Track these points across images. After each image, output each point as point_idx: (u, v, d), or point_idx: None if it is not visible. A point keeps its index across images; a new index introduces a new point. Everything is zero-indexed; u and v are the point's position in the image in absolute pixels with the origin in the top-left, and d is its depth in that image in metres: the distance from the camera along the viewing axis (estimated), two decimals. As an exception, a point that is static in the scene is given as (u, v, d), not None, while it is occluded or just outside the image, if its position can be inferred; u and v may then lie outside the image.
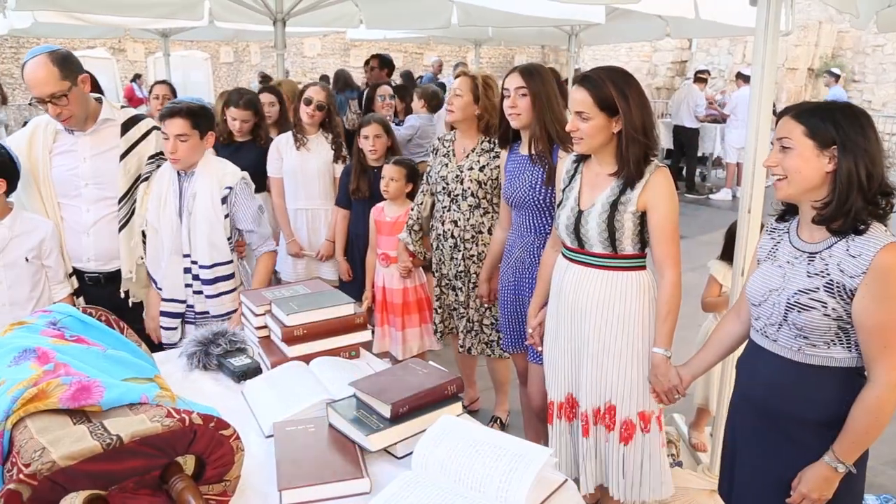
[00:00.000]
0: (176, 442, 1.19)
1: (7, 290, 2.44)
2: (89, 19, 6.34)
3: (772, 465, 1.78)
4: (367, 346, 2.05)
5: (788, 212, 1.82)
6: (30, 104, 10.34)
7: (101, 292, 2.66)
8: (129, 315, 2.63)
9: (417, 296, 3.48)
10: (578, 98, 2.09)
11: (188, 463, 1.24)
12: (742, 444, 1.88)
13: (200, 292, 2.62)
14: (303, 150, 3.77)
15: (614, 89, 2.05)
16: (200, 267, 2.56)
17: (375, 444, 1.42)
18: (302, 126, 3.80)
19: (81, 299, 2.66)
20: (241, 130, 3.81)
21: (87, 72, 2.53)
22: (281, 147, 3.81)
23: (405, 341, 3.46)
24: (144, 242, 2.68)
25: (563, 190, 2.29)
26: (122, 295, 2.73)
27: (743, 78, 9.49)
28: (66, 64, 2.39)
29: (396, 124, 5.17)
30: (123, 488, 1.16)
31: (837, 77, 11.08)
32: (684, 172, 10.11)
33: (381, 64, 6.64)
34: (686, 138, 9.97)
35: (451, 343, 3.46)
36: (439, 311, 3.32)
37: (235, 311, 2.55)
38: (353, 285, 3.71)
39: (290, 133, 3.83)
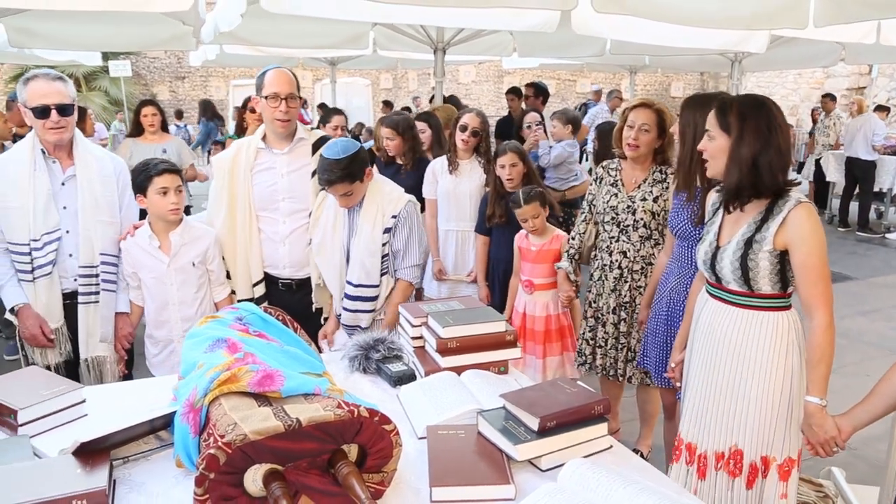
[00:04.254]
0: (345, 431, 1.31)
1: (176, 291, 2.74)
2: (268, 51, 7.01)
3: None
4: (515, 363, 2.11)
5: None
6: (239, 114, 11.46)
7: (291, 297, 2.90)
8: (313, 320, 2.87)
9: (560, 324, 3.46)
10: (707, 117, 2.10)
11: (352, 451, 1.36)
12: None
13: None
14: (455, 173, 3.95)
15: (736, 111, 2.02)
16: (347, 282, 2.77)
17: (522, 454, 1.47)
18: (456, 151, 3.97)
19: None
20: (391, 148, 4.12)
21: None
22: (436, 170, 4.04)
23: (545, 369, 3.43)
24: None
25: (707, 223, 2.24)
26: (313, 300, 2.96)
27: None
28: (297, 81, 2.81)
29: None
30: (297, 466, 1.30)
31: None
32: (857, 208, 9.34)
33: (537, 92, 6.75)
34: (861, 171, 9.21)
35: (605, 376, 3.37)
36: (590, 343, 3.27)
37: (367, 328, 2.73)
38: None
39: (445, 157, 4.03)
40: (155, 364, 2.85)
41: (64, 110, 2.57)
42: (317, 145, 2.87)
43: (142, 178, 2.67)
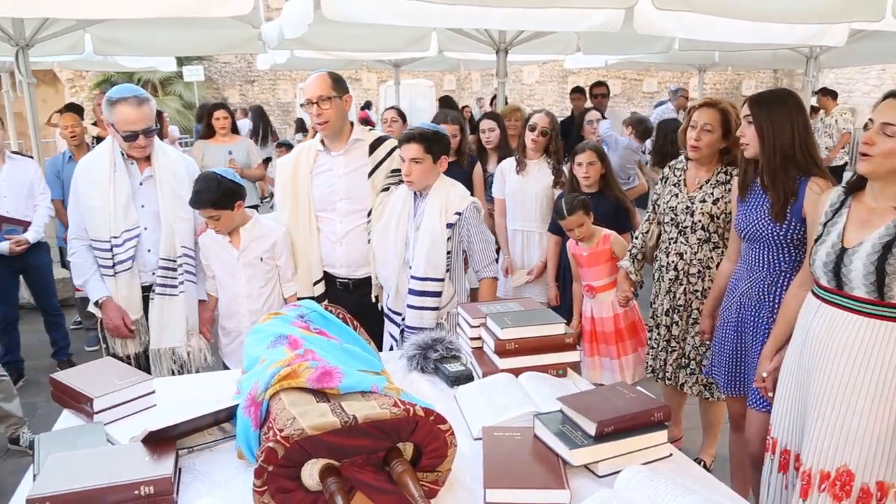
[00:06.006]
0: (400, 429, 1.33)
1: (244, 284, 2.85)
2: (335, 54, 7.15)
3: None
4: (574, 367, 2.08)
5: None
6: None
7: (349, 296, 2.95)
8: (372, 318, 2.89)
9: (629, 320, 3.42)
10: (886, 109, 1.91)
11: (407, 450, 1.37)
12: None
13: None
14: (523, 174, 3.95)
15: None
16: (413, 277, 2.76)
17: (578, 459, 1.45)
18: (525, 151, 3.98)
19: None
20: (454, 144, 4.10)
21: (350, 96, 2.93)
22: (505, 170, 4.07)
23: (622, 369, 3.38)
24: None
25: (825, 224, 2.10)
26: (373, 300, 3.01)
27: None
28: (338, 81, 2.85)
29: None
30: (353, 463, 1.32)
31: None
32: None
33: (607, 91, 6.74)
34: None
35: (653, 378, 3.32)
36: (648, 342, 3.24)
37: (432, 329, 2.67)
38: (560, 310, 3.75)
39: (514, 157, 4.06)
40: (227, 353, 2.97)
41: (149, 132, 2.74)
42: (374, 145, 2.92)
43: None
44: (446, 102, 7.23)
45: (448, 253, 2.74)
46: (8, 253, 4.14)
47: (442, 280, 2.74)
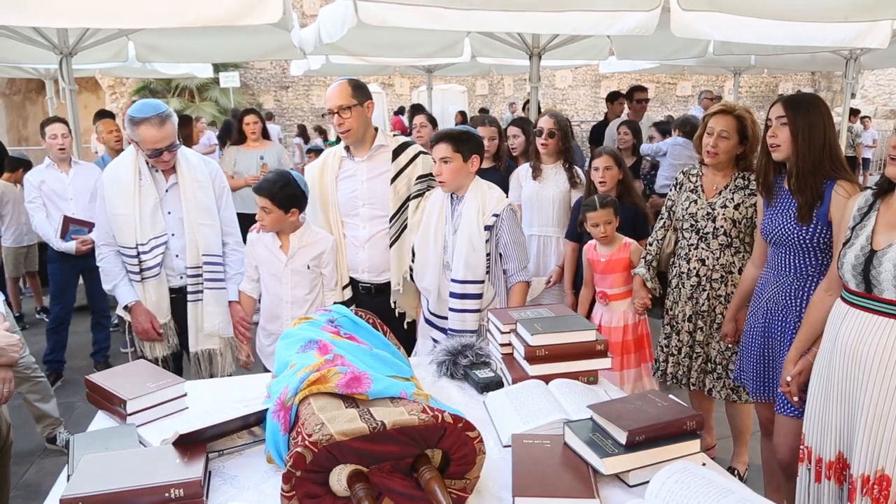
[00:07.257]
0: (428, 435, 1.32)
1: (290, 290, 2.87)
2: (369, 60, 7.21)
3: None
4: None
5: None
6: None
7: (371, 301, 2.97)
8: (393, 323, 2.90)
9: (636, 333, 3.37)
10: None
11: (435, 456, 1.37)
12: None
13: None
14: (539, 179, 3.93)
15: None
16: (453, 280, 2.76)
17: (609, 468, 1.43)
18: (539, 156, 3.96)
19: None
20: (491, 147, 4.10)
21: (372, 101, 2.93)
22: (520, 176, 4.04)
23: (622, 383, 3.33)
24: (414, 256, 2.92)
25: (853, 228, 2.08)
26: (392, 305, 3.02)
27: None
28: (359, 88, 2.85)
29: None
30: (381, 469, 1.31)
31: None
32: None
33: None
34: None
35: (675, 385, 3.27)
36: (664, 350, 3.20)
37: (476, 331, 2.68)
38: None
39: (528, 164, 4.03)
40: (266, 354, 2.99)
41: (172, 148, 2.77)
42: (397, 151, 2.93)
43: None
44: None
45: (487, 255, 2.74)
46: (75, 252, 4.35)
47: (482, 282, 2.75)
